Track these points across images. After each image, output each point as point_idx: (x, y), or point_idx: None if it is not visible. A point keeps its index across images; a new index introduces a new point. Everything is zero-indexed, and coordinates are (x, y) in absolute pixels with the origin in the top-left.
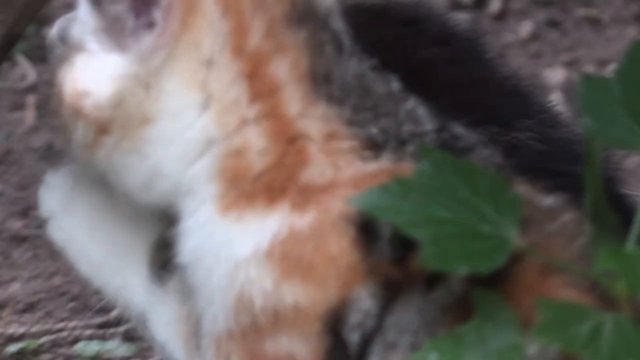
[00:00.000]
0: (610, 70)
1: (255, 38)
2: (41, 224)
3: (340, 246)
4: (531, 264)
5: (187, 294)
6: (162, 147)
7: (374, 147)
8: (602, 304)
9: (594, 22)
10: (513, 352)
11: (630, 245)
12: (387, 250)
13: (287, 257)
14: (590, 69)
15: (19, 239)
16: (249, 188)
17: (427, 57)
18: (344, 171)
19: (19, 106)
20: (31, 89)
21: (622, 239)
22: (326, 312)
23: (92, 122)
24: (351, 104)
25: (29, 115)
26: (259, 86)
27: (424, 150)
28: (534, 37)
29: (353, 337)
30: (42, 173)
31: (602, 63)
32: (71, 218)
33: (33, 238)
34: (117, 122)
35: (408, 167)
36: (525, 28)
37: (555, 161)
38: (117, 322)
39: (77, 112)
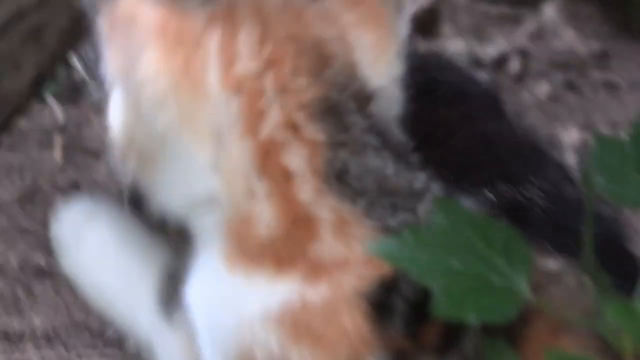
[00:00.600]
0: (624, 132)
1: (270, 124)
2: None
3: (353, 320)
4: (542, 325)
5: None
6: (170, 189)
7: (388, 231)
8: (609, 359)
9: (611, 87)
10: None
11: (636, 301)
12: (400, 324)
13: (298, 324)
14: (605, 131)
15: (42, 273)
16: (257, 253)
17: (445, 115)
18: (357, 249)
19: (46, 145)
20: (59, 129)
21: (617, 297)
22: None
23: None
24: (367, 200)
25: (57, 155)
26: (269, 170)
27: (439, 202)
28: (552, 98)
29: None
30: None
31: (617, 126)
32: (83, 251)
33: (55, 273)
34: (132, 155)
35: None
36: (543, 89)
37: (563, 219)
38: (134, 356)
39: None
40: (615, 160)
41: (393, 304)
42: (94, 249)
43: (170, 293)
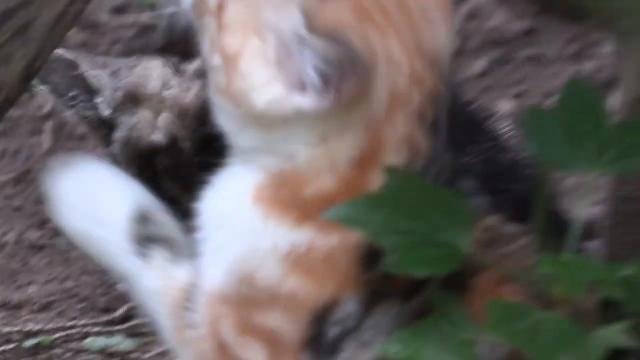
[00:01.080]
0: (552, 102)
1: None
2: (56, 234)
3: (346, 264)
4: (488, 278)
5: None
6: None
7: None
8: (543, 306)
9: (538, 60)
10: (466, 346)
11: (567, 253)
12: (381, 268)
13: (300, 261)
14: (535, 101)
15: (36, 248)
16: (289, 203)
17: None
18: None
19: (37, 132)
20: (48, 116)
21: (561, 249)
22: (317, 307)
23: None
24: None
25: (46, 140)
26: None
27: (390, 170)
28: (487, 73)
29: (332, 332)
30: None
31: (546, 96)
32: (71, 201)
33: (49, 247)
34: None
35: None
36: (479, 64)
37: (502, 181)
38: (122, 320)
39: None
40: (544, 128)
41: (380, 254)
42: (79, 194)
43: (145, 235)
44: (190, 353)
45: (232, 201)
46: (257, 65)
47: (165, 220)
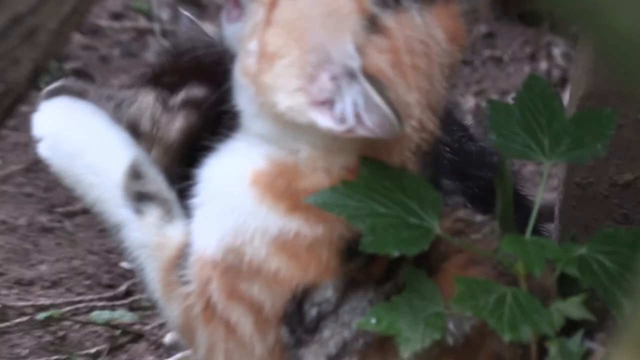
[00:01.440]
0: (510, 98)
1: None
2: (64, 218)
3: (328, 254)
4: (457, 260)
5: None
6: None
7: None
8: (506, 283)
9: (497, 61)
10: (436, 318)
11: (527, 235)
12: (360, 262)
13: (286, 245)
14: (494, 97)
15: (46, 230)
16: (282, 188)
17: None
18: None
19: None
20: None
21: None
22: (297, 287)
23: None
24: None
25: None
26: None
27: (364, 159)
28: None
29: (311, 312)
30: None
31: (504, 93)
32: (63, 138)
33: (57, 229)
34: None
35: None
36: None
37: (464, 168)
38: (124, 295)
39: None
40: (504, 121)
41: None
42: (75, 136)
43: (138, 188)
44: (176, 307)
45: (231, 178)
46: (291, 73)
47: (158, 179)
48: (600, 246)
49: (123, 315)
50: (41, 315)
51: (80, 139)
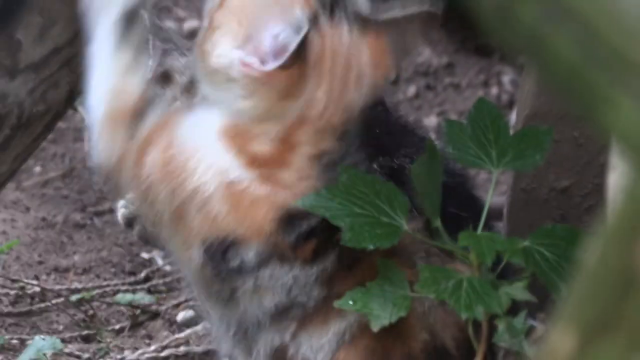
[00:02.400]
0: (465, 118)
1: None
2: (94, 216)
3: (266, 217)
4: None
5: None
6: None
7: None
8: (462, 270)
9: (456, 87)
10: (402, 300)
11: (479, 230)
12: (292, 238)
13: (233, 195)
14: (454, 117)
15: (79, 226)
16: (241, 145)
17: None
18: (302, 185)
19: (79, 139)
20: (87, 127)
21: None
22: (225, 235)
23: None
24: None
25: (86, 145)
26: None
27: (344, 168)
28: (417, 96)
29: (233, 262)
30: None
31: (461, 114)
32: None
33: (88, 226)
34: None
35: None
36: (411, 90)
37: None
38: (144, 280)
39: None
40: (459, 136)
41: (296, 225)
42: None
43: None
44: (114, 147)
45: (203, 130)
46: (225, 39)
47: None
48: (540, 240)
49: (142, 298)
50: (74, 297)
51: None
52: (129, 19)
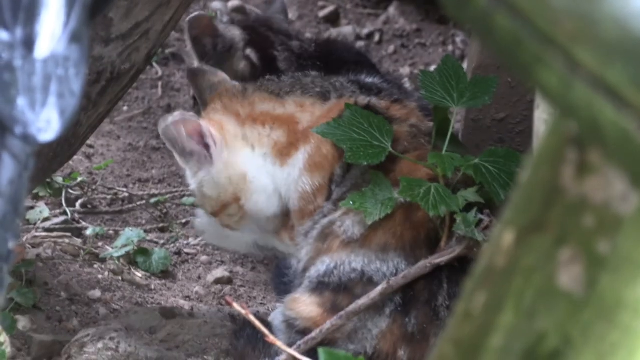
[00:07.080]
0: (432, 68)
1: None
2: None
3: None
4: (405, 164)
5: None
6: None
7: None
8: (434, 180)
9: (423, 45)
10: (388, 201)
11: (444, 151)
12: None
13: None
14: (422, 67)
15: (155, 149)
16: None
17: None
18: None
19: (154, 86)
20: (159, 78)
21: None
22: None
23: None
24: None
25: (159, 91)
26: None
27: (347, 105)
28: (395, 52)
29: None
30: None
31: (427, 64)
32: None
33: (162, 149)
34: None
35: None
36: (390, 48)
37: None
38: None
39: None
40: (430, 82)
41: None
42: None
43: None
44: None
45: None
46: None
47: None
48: (486, 158)
49: None
50: (153, 200)
51: None
52: None
